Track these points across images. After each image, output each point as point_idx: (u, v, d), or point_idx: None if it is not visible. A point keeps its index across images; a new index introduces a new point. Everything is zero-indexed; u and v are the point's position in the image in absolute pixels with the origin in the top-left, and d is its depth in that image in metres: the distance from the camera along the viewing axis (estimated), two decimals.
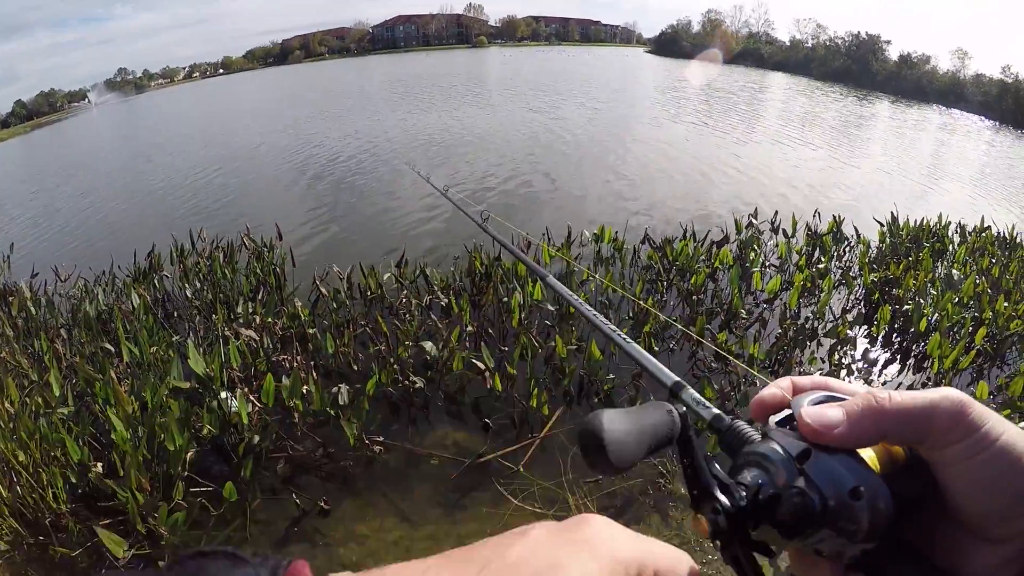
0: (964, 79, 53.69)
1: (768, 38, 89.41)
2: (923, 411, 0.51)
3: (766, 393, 0.61)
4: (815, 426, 0.53)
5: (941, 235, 8.80)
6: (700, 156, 17.04)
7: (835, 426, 0.52)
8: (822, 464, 0.52)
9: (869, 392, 0.54)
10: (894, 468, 0.54)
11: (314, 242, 10.39)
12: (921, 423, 0.51)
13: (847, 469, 0.51)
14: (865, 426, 0.52)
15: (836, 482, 0.50)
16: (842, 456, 0.52)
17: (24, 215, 16.32)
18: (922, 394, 0.52)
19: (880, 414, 0.52)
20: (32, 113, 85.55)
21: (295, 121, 28.27)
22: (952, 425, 0.50)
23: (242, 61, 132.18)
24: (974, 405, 0.50)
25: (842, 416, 0.53)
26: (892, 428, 0.52)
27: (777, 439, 0.56)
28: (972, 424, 0.50)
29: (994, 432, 0.50)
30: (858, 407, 0.53)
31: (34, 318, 7.15)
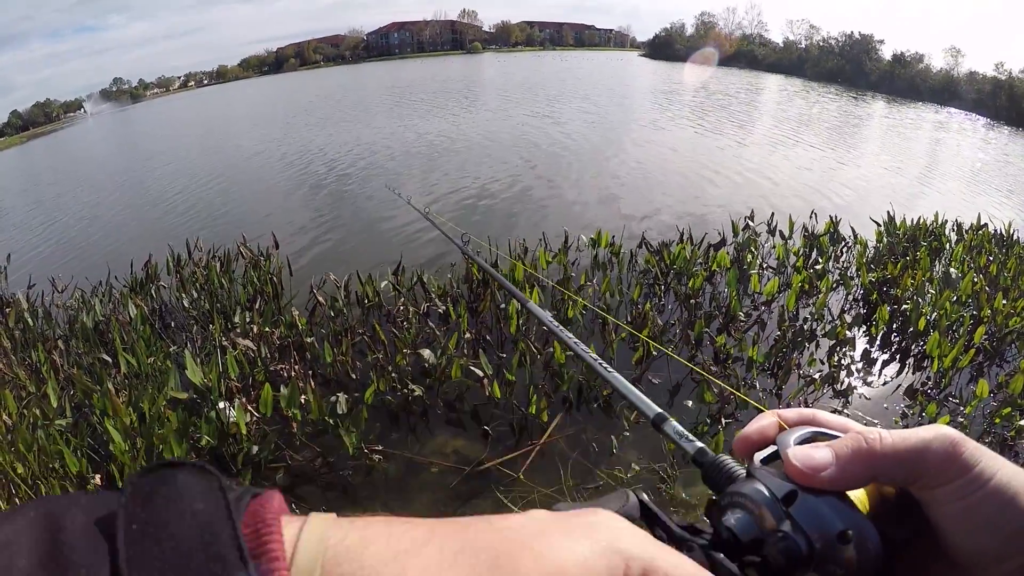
0: (958, 77, 53.84)
1: (762, 40, 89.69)
2: (915, 451, 0.50)
3: (751, 429, 0.60)
4: (803, 468, 0.52)
5: (938, 234, 8.80)
6: (696, 158, 17.06)
7: (823, 468, 0.51)
8: (809, 506, 0.50)
9: (859, 432, 0.54)
10: (884, 508, 0.53)
11: (311, 251, 10.36)
12: (913, 464, 0.50)
13: (834, 512, 0.50)
14: (855, 469, 0.51)
15: (823, 525, 0.49)
16: (829, 498, 0.51)
17: (21, 226, 16.30)
18: (914, 433, 0.51)
19: (870, 456, 0.51)
20: (28, 124, 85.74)
21: (291, 129, 28.30)
22: (945, 465, 0.49)
23: (237, 70, 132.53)
24: (967, 443, 0.50)
25: (831, 458, 0.52)
26: (883, 470, 0.51)
27: (762, 479, 0.54)
28: (965, 464, 0.49)
29: (987, 472, 0.49)
30: (848, 448, 0.52)
31: (31, 329, 7.13)
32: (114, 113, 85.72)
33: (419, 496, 4.61)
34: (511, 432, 5.18)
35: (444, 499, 4.56)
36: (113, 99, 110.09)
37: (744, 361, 5.80)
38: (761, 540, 0.50)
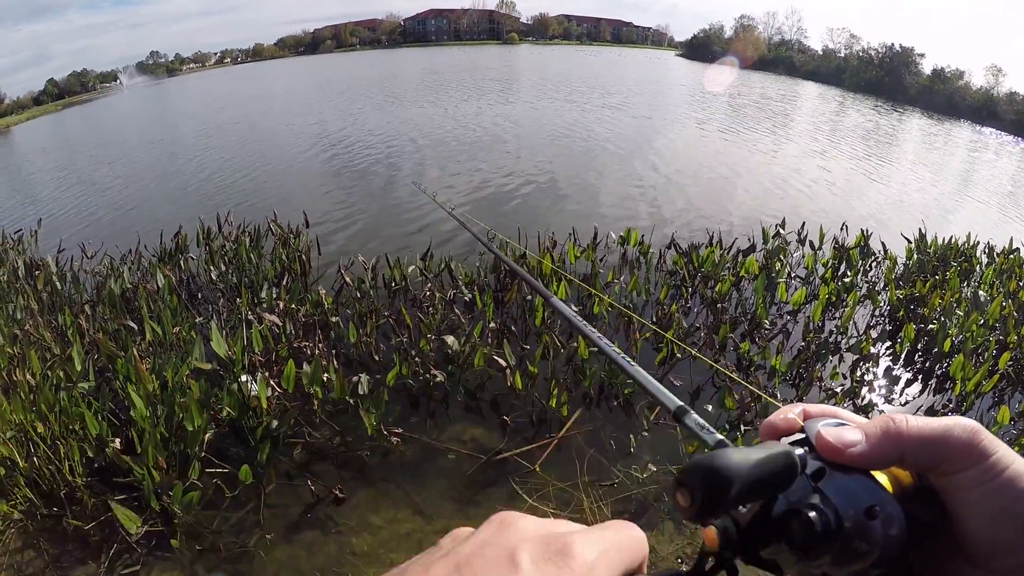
0: (997, 96, 53.13)
1: (800, 46, 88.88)
2: (938, 435, 0.51)
3: (777, 417, 0.60)
4: (835, 443, 0.52)
5: (969, 255, 8.70)
6: (732, 163, 16.96)
7: (853, 445, 0.52)
8: (837, 482, 0.51)
9: (887, 415, 0.54)
10: (903, 493, 0.53)
11: (341, 231, 10.40)
12: (936, 447, 0.51)
13: (863, 488, 0.50)
14: (884, 447, 0.52)
15: (852, 501, 0.49)
16: (857, 476, 0.51)
17: (52, 191, 16.50)
18: (937, 420, 0.52)
19: (898, 436, 0.52)
20: (64, 92, 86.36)
21: (329, 109, 28.40)
22: (965, 451, 0.50)
23: (273, 49, 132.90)
24: (985, 433, 0.51)
25: (861, 436, 0.53)
26: (909, 451, 0.51)
27: None
28: (984, 451, 0.50)
29: (1004, 461, 0.50)
30: (877, 428, 0.53)
31: (59, 293, 7.21)
32: (149, 86, 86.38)
33: (435, 481, 4.62)
34: (530, 424, 5.19)
35: (459, 486, 4.57)
36: (149, 72, 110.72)
37: (767, 369, 5.77)
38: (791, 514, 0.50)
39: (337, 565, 3.92)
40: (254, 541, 4.09)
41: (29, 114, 59.37)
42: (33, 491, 4.27)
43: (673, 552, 3.99)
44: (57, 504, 4.26)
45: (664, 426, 5.14)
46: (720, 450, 0.47)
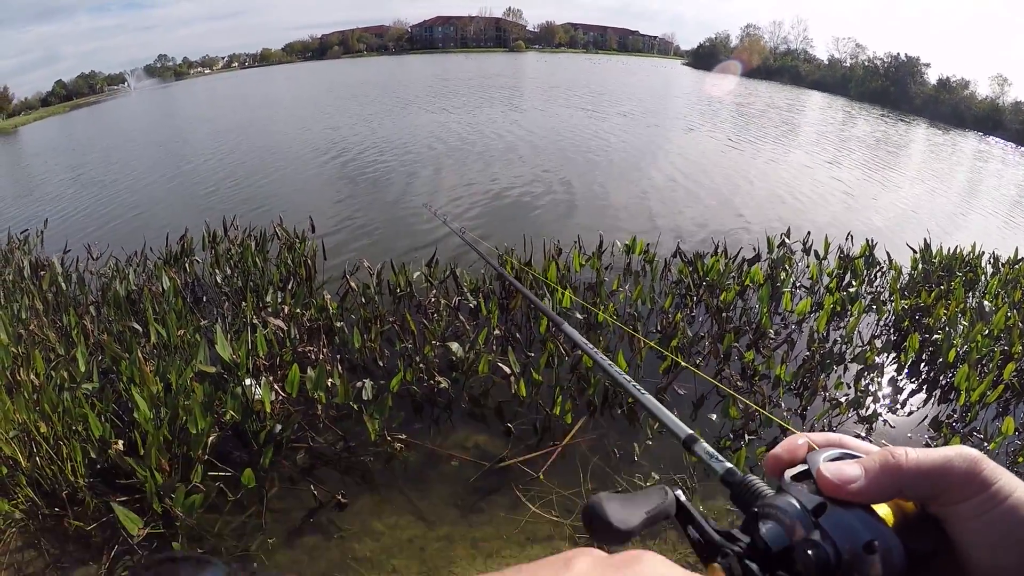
0: (1003, 106, 53.06)
1: (806, 56, 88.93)
2: (938, 468, 0.51)
3: (781, 449, 0.62)
4: (834, 481, 0.53)
5: (974, 265, 8.68)
6: (737, 171, 16.97)
7: (853, 481, 0.53)
8: (837, 518, 0.52)
9: (886, 449, 0.55)
10: (906, 523, 0.54)
11: (346, 237, 10.42)
12: (936, 479, 0.51)
13: (862, 523, 0.51)
14: (883, 482, 0.53)
15: (851, 536, 0.50)
16: (857, 511, 0.52)
17: (59, 193, 16.56)
18: (937, 451, 0.53)
19: (897, 471, 0.53)
20: (71, 94, 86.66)
21: (339, 115, 28.47)
22: (966, 481, 0.51)
23: (280, 54, 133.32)
24: (987, 462, 0.51)
25: (860, 472, 0.53)
26: (909, 484, 0.52)
27: (793, 493, 0.56)
28: (985, 481, 0.50)
29: (1006, 490, 0.50)
30: (876, 463, 0.54)
31: (64, 293, 7.23)
32: (156, 89, 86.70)
33: (438, 488, 4.61)
34: (534, 431, 5.19)
35: (462, 493, 4.56)
36: (157, 75, 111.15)
37: (771, 379, 5.76)
38: (791, 549, 0.52)
39: (339, 570, 3.91)
40: (256, 545, 4.09)
41: (37, 115, 59.61)
42: (35, 491, 4.27)
43: (674, 557, 3.98)
44: (59, 504, 4.26)
45: (668, 435, 5.12)
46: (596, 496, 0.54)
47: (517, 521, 4.29)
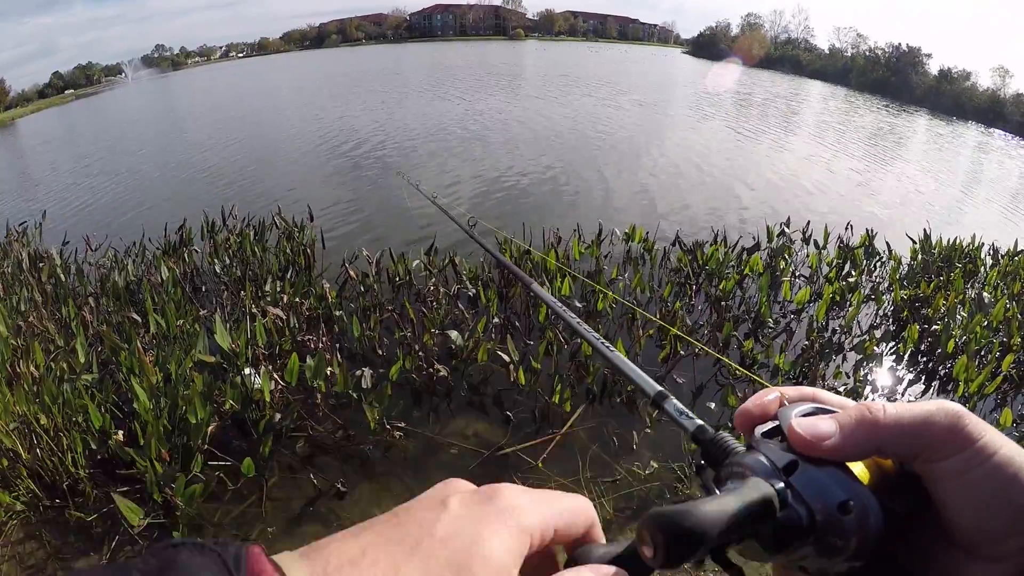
0: (1004, 98, 52.95)
1: (807, 45, 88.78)
2: (918, 423, 0.49)
3: (751, 404, 0.58)
4: (806, 436, 0.51)
5: (974, 256, 8.67)
6: (737, 160, 16.95)
7: (827, 437, 0.50)
8: (810, 476, 0.49)
9: (863, 404, 0.52)
10: (884, 482, 0.51)
11: (344, 225, 10.41)
12: (916, 435, 0.49)
13: (836, 482, 0.49)
14: (858, 438, 0.50)
15: (824, 495, 0.48)
16: (831, 469, 0.50)
17: (57, 184, 16.54)
18: (917, 406, 0.50)
19: (874, 426, 0.50)
20: (69, 85, 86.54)
21: (336, 105, 28.39)
22: (948, 438, 0.48)
23: (279, 43, 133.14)
24: (970, 417, 0.49)
25: (835, 428, 0.51)
26: (886, 441, 0.50)
27: (763, 450, 0.53)
28: (968, 437, 0.48)
29: (991, 447, 0.48)
30: (852, 419, 0.51)
31: (63, 285, 7.23)
32: (154, 79, 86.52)
33: (437, 476, 4.57)
34: (532, 419, 5.19)
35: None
36: (154, 65, 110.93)
37: (770, 368, 5.76)
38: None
39: None
40: (256, 534, 4.10)
41: (34, 107, 59.51)
42: (36, 482, 4.28)
43: None
44: (59, 495, 4.26)
45: (667, 423, 5.12)
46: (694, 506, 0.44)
47: None
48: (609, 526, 4.18)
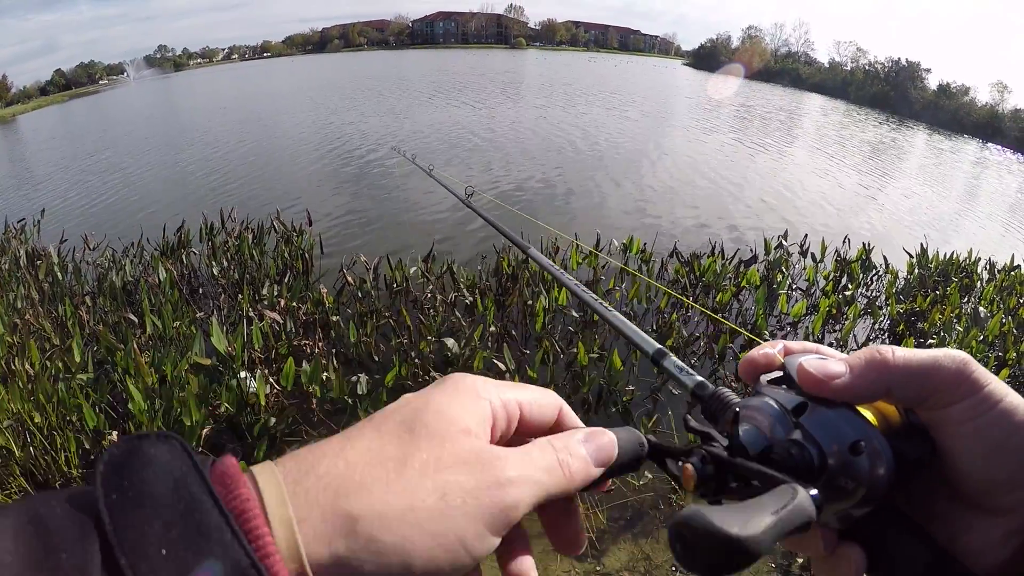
0: (1002, 113, 53.12)
1: (807, 58, 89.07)
2: (927, 367, 0.49)
3: (757, 352, 0.59)
4: (817, 375, 0.51)
5: (970, 271, 8.69)
6: (736, 172, 16.95)
7: (837, 377, 0.51)
8: (820, 417, 0.50)
9: (872, 347, 0.53)
10: (891, 432, 0.51)
11: (343, 231, 10.41)
12: (925, 379, 0.49)
13: (847, 422, 0.49)
14: (868, 378, 0.50)
15: (835, 435, 0.48)
16: (841, 410, 0.50)
17: (57, 182, 16.53)
18: (924, 351, 0.51)
19: (884, 366, 0.50)
20: (70, 83, 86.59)
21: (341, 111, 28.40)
22: (955, 382, 0.49)
23: (281, 46, 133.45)
24: (976, 365, 0.49)
25: (844, 368, 0.51)
26: (896, 382, 0.50)
27: (770, 394, 0.54)
28: (976, 383, 0.49)
29: (997, 393, 0.48)
30: (862, 360, 0.51)
31: (60, 283, 7.22)
32: (155, 79, 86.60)
33: None
34: None
35: None
36: (156, 66, 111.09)
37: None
38: (770, 450, 0.50)
39: None
40: None
41: (35, 104, 59.51)
42: (28, 481, 4.27)
43: (669, 559, 3.99)
44: None
45: (662, 433, 5.12)
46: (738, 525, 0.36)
47: None
48: (602, 536, 4.19)
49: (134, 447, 0.37)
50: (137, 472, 0.36)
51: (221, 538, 0.34)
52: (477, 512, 0.42)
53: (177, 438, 0.39)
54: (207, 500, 0.36)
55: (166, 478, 0.36)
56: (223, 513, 0.36)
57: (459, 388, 0.49)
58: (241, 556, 0.34)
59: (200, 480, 0.37)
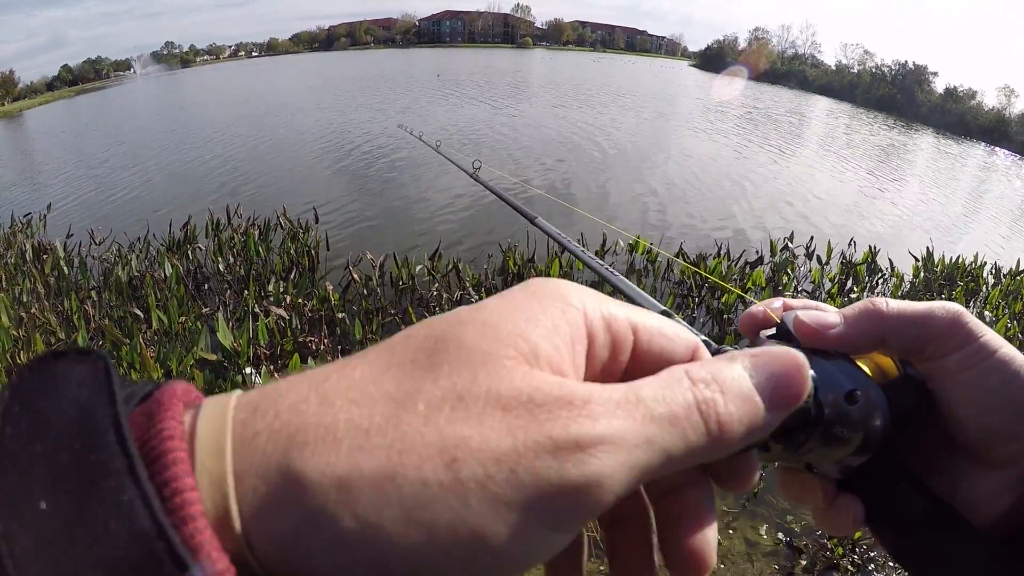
0: (1010, 117, 53.04)
1: (814, 61, 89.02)
2: (921, 316, 0.49)
3: (757, 307, 0.57)
4: (812, 325, 0.50)
5: (976, 275, 8.66)
6: (743, 173, 16.90)
7: (832, 326, 0.50)
8: (816, 367, 0.48)
9: (867, 299, 0.52)
10: (888, 382, 0.51)
11: (350, 227, 10.42)
12: (920, 329, 0.49)
13: (842, 372, 0.48)
14: (863, 327, 0.50)
15: (831, 385, 0.47)
16: (838, 361, 0.49)
17: (63, 177, 16.57)
18: (918, 303, 0.50)
19: (878, 316, 0.50)
20: (78, 79, 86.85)
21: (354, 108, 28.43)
22: (950, 331, 0.48)
23: (288, 44, 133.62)
24: (970, 316, 0.49)
25: (840, 318, 0.51)
26: (891, 332, 0.50)
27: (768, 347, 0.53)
28: (971, 333, 0.48)
29: (993, 343, 0.48)
30: (856, 310, 0.51)
31: (66, 278, 7.23)
32: (162, 76, 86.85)
33: None
34: None
35: None
36: (163, 62, 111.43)
37: None
38: None
39: None
40: None
41: (42, 99, 59.67)
42: None
43: None
44: None
45: None
46: None
47: None
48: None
49: (44, 368, 0.28)
50: (39, 399, 0.27)
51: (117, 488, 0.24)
52: (513, 492, 0.27)
53: (103, 356, 0.29)
54: (111, 435, 0.26)
55: (70, 406, 0.27)
56: (126, 454, 0.25)
57: (536, 292, 0.35)
58: (143, 519, 0.24)
59: (108, 410, 0.27)
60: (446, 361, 0.30)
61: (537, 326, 0.32)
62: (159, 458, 0.26)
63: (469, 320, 0.32)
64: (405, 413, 0.28)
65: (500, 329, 0.31)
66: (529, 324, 0.32)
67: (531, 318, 0.32)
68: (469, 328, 0.31)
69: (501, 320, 0.32)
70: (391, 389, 0.29)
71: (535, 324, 0.32)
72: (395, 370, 0.30)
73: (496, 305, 0.33)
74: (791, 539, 4.15)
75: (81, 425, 0.26)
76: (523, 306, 0.33)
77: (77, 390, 0.27)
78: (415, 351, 0.31)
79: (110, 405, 0.27)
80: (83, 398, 0.27)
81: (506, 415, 0.28)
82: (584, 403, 0.29)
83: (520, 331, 0.31)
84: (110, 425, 0.26)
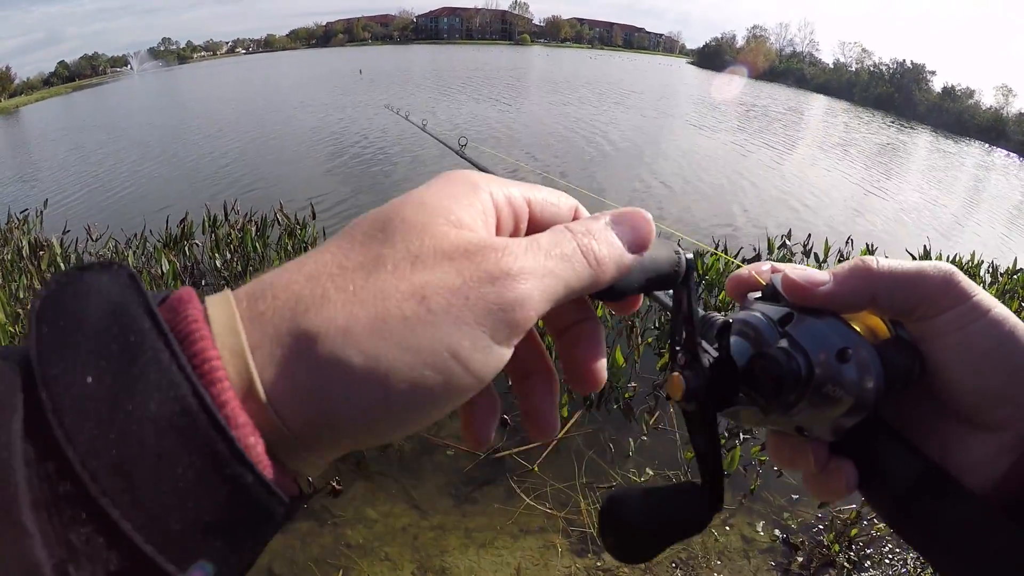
0: (1007, 117, 53.10)
1: (812, 59, 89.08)
2: (912, 275, 0.49)
3: (745, 270, 0.58)
4: (800, 282, 0.51)
5: (973, 273, 8.64)
6: (740, 171, 16.93)
7: (821, 284, 0.50)
8: (807, 326, 0.49)
9: (857, 257, 0.53)
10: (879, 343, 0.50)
11: (347, 222, 10.40)
12: (911, 287, 0.49)
13: (833, 330, 0.48)
14: (854, 285, 0.50)
15: (822, 343, 0.48)
16: (828, 318, 0.50)
17: (59, 173, 16.57)
18: (910, 262, 0.50)
19: (868, 273, 0.50)
20: (74, 75, 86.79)
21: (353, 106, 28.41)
22: (942, 291, 0.48)
23: (285, 40, 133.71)
24: (962, 275, 0.49)
25: (829, 276, 0.51)
26: (881, 290, 0.50)
27: (757, 308, 0.54)
28: (963, 292, 0.48)
29: (985, 303, 0.48)
30: (846, 268, 0.51)
31: None
32: (159, 72, 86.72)
33: (432, 477, 4.62)
34: None
35: (457, 483, 4.57)
36: (160, 58, 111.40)
37: None
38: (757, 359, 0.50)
39: (332, 556, 3.91)
40: None
41: (39, 95, 59.59)
42: None
43: (670, 556, 3.98)
44: None
45: (663, 431, 5.14)
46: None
47: (511, 512, 4.29)
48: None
49: (72, 278, 0.32)
50: (72, 301, 0.31)
51: (157, 359, 0.30)
52: (470, 314, 0.35)
53: (126, 266, 0.34)
54: (146, 321, 0.31)
55: (103, 304, 0.31)
56: (161, 332, 0.31)
57: (451, 179, 0.43)
58: (180, 382, 0.29)
59: (142, 301, 0.32)
60: (396, 232, 0.38)
61: (457, 202, 0.40)
62: (188, 335, 0.32)
63: (405, 203, 0.40)
64: (378, 273, 0.36)
65: (431, 206, 0.40)
66: (452, 200, 0.40)
67: (452, 196, 0.41)
68: (407, 207, 0.40)
69: (430, 200, 0.40)
70: (360, 259, 0.37)
71: (456, 201, 0.41)
72: (358, 246, 0.38)
73: (423, 191, 0.41)
74: (787, 536, 4.16)
75: (116, 315, 0.31)
76: (445, 190, 0.41)
77: (108, 290, 0.32)
78: (369, 230, 0.39)
79: (142, 299, 0.32)
80: (115, 294, 0.32)
81: (452, 262, 0.37)
82: (504, 247, 0.38)
83: (446, 206, 0.40)
84: (143, 312, 0.31)
